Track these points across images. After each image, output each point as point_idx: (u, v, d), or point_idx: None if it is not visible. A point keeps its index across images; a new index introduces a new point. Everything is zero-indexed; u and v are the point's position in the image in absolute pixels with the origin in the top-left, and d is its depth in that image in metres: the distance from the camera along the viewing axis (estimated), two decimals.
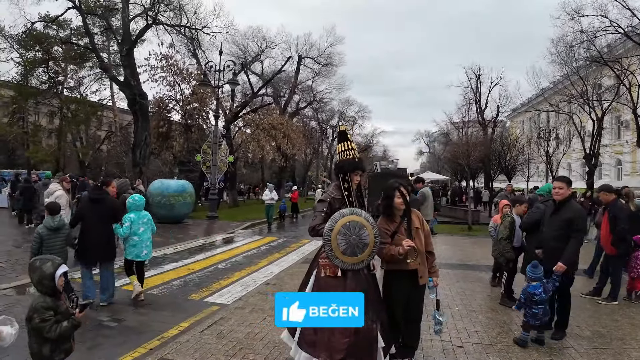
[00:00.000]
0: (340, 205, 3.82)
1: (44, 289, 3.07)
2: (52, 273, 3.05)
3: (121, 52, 20.66)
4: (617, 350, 4.70)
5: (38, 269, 3.07)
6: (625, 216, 6.68)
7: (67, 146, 33.39)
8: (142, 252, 6.43)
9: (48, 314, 2.99)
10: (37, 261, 3.13)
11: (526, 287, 4.85)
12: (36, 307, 2.98)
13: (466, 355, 4.48)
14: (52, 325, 2.97)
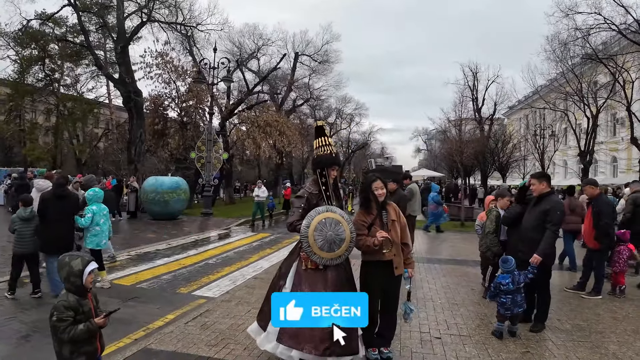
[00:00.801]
0: (317, 200, 3.92)
1: (71, 287, 2.93)
2: (81, 270, 2.91)
3: (116, 49, 20.74)
4: (595, 343, 4.77)
5: (67, 265, 2.92)
6: (609, 211, 6.74)
7: (63, 144, 33.46)
8: (101, 241, 6.89)
9: (67, 314, 2.84)
10: (66, 257, 2.98)
11: (496, 278, 5.03)
12: (57, 305, 2.86)
13: (443, 346, 4.57)
14: (67, 326, 2.83)
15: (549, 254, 4.99)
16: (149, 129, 22.19)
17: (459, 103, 32.80)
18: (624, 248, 7.08)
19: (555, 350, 4.53)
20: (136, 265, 8.50)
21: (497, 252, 6.44)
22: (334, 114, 48.40)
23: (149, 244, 11.06)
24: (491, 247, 6.48)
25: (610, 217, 6.74)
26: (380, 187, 3.93)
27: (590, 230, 6.86)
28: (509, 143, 27.86)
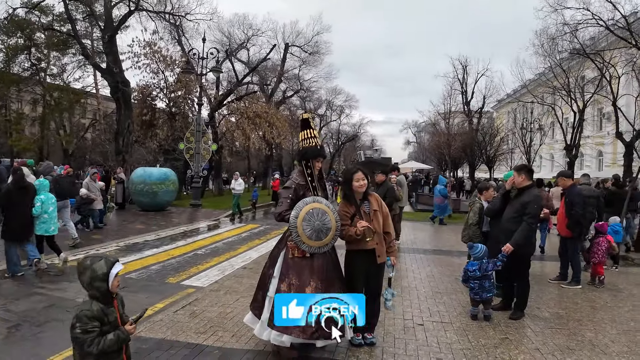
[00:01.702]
0: (304, 191, 4.04)
1: (96, 293, 2.59)
2: (106, 273, 2.58)
3: (103, 39, 20.49)
4: (573, 330, 4.94)
5: (89, 269, 2.58)
6: (580, 201, 6.95)
7: (50, 134, 33.04)
8: (50, 228, 7.31)
9: (92, 325, 2.52)
10: (87, 259, 2.63)
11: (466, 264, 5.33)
12: (79, 315, 2.51)
13: (425, 332, 4.72)
14: (94, 338, 2.51)
15: (525, 244, 5.15)
16: (137, 119, 22.03)
17: (448, 96, 33.11)
18: (602, 240, 7.30)
19: (533, 337, 4.69)
20: (125, 256, 8.52)
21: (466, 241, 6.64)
22: (324, 105, 48.41)
23: (137, 235, 11.08)
24: (473, 238, 6.62)
25: (581, 206, 6.94)
26: (361, 178, 4.05)
27: (563, 219, 7.09)
28: (496, 136, 28.14)
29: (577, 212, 6.84)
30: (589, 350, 4.38)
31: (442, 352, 4.23)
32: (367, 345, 4.22)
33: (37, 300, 5.66)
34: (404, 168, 36.67)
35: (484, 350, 4.27)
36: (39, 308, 5.37)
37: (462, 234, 7.10)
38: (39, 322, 4.90)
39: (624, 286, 7.20)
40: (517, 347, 4.39)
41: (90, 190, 11.44)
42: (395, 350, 4.23)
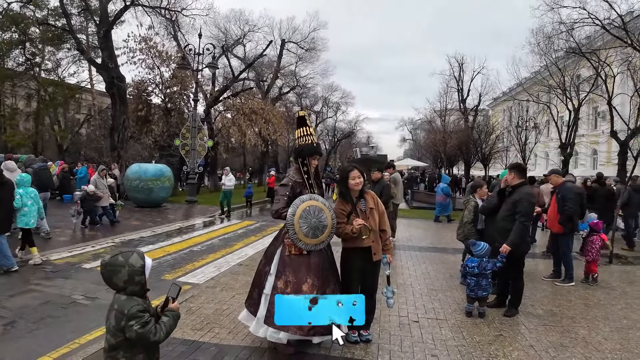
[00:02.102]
0: (301, 188, 4.06)
1: (135, 288, 2.51)
2: (143, 265, 2.53)
3: (99, 33, 20.38)
4: (566, 328, 4.99)
5: (125, 265, 2.48)
6: (573, 197, 7.05)
7: (45, 130, 32.85)
8: (30, 221, 7.46)
9: (146, 316, 2.47)
10: (118, 256, 2.52)
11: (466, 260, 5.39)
12: (132, 314, 2.43)
13: (420, 328, 4.76)
14: (153, 325, 2.47)
15: (519, 243, 5.20)
16: (133, 115, 21.93)
17: (444, 94, 33.18)
18: (596, 238, 7.36)
19: (527, 334, 4.74)
20: None
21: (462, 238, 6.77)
22: (321, 102, 48.34)
23: (133, 231, 11.07)
24: (469, 236, 6.66)
25: (574, 202, 7.04)
26: (357, 177, 4.08)
27: (555, 216, 7.19)
28: (492, 134, 28.24)
29: (570, 207, 6.93)
30: (582, 347, 4.43)
31: (437, 348, 4.26)
32: (363, 342, 4.25)
33: (33, 297, 5.66)
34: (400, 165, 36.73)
35: (479, 347, 4.31)
36: (34, 305, 5.36)
37: (457, 232, 7.14)
38: (34, 319, 4.89)
39: (617, 284, 7.28)
40: (511, 343, 4.43)
41: (98, 187, 11.39)
42: (391, 346, 4.26)
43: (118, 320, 2.44)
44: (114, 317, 2.47)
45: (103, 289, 6.11)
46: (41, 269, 7.09)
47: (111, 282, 2.52)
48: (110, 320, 2.49)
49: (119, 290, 2.52)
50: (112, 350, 2.51)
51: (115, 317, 2.45)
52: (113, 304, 2.51)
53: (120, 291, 2.52)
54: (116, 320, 2.45)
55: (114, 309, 2.48)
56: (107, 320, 2.53)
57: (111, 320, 2.48)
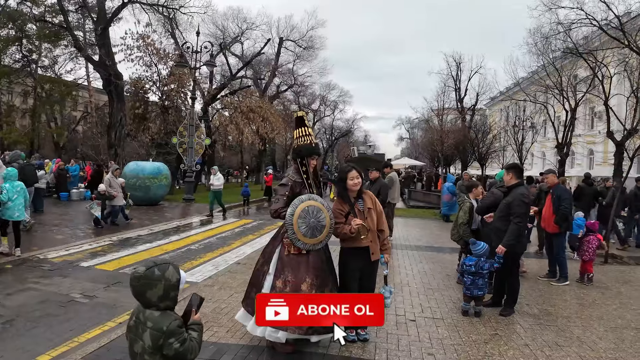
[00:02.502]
0: (300, 188, 4.09)
1: (170, 303, 2.30)
2: (178, 279, 2.32)
3: (96, 31, 20.32)
4: (561, 327, 5.03)
5: (162, 279, 2.25)
6: (568, 197, 7.15)
7: (41, 127, 32.72)
8: (14, 214, 7.64)
9: (184, 333, 2.29)
10: (154, 269, 2.26)
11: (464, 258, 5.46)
12: (171, 330, 2.22)
13: (417, 327, 4.80)
14: (189, 342, 2.29)
15: (515, 244, 5.24)
16: (130, 113, 21.91)
17: (442, 93, 33.23)
18: (593, 238, 7.38)
19: (522, 333, 4.78)
20: (118, 251, 8.54)
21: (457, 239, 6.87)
22: (318, 100, 48.40)
23: (130, 229, 11.08)
24: (464, 236, 6.72)
25: (568, 202, 7.14)
26: (356, 177, 4.11)
27: (550, 216, 7.22)
28: (488, 134, 28.32)
29: (566, 208, 7.00)
30: (577, 346, 4.47)
31: (434, 347, 4.30)
32: (360, 340, 4.29)
33: (31, 295, 5.67)
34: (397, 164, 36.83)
35: (475, 346, 4.35)
36: (32, 303, 5.37)
37: (451, 232, 7.21)
38: (33, 318, 4.91)
39: (612, 284, 7.32)
40: (506, 342, 4.47)
41: (112, 186, 11.41)
42: (388, 345, 4.30)
43: (156, 339, 2.21)
44: (149, 336, 2.23)
45: (101, 287, 6.16)
46: (39, 267, 7.09)
47: (143, 297, 2.26)
48: (144, 339, 2.24)
49: (150, 306, 2.27)
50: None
51: (152, 336, 2.22)
52: (145, 322, 2.25)
53: (151, 307, 2.27)
54: (153, 338, 2.22)
55: (147, 327, 2.23)
56: (137, 340, 2.29)
57: (145, 340, 2.23)
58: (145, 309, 2.28)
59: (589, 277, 7.25)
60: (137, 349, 2.28)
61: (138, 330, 2.28)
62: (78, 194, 17.43)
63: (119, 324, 4.81)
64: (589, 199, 11.72)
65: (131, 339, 2.33)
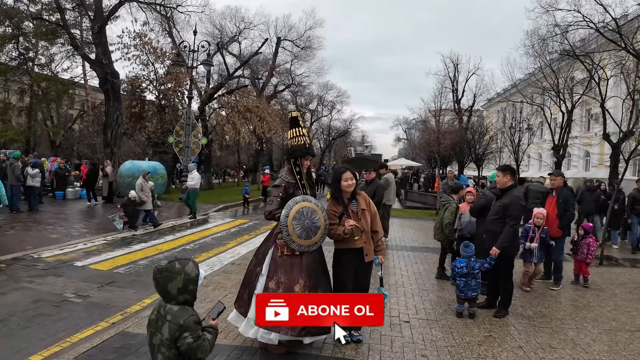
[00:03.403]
0: (294, 189, 4.07)
1: (189, 297, 2.43)
2: (198, 274, 2.46)
3: (93, 29, 20.23)
4: (555, 329, 5.03)
5: (182, 272, 2.39)
6: (574, 201, 7.14)
7: (37, 125, 32.62)
8: None
9: (200, 330, 2.39)
10: (175, 263, 2.42)
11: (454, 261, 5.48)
12: (188, 325, 2.33)
13: (411, 329, 4.80)
14: (203, 341, 2.39)
15: (509, 246, 5.24)
16: (126, 111, 21.84)
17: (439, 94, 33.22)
18: (592, 240, 7.19)
19: (516, 334, 4.78)
20: (112, 251, 8.52)
21: (453, 241, 6.89)
22: (316, 100, 48.43)
23: (125, 229, 11.02)
24: (449, 236, 6.84)
25: (573, 207, 7.16)
26: (350, 178, 4.11)
27: (553, 218, 6.96)
28: (485, 135, 28.37)
29: (572, 213, 6.98)
30: (571, 349, 4.47)
31: (427, 349, 4.30)
32: (353, 342, 4.28)
33: (24, 295, 5.64)
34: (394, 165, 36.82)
35: (468, 348, 4.35)
36: (26, 302, 5.34)
37: (435, 232, 7.29)
38: (26, 317, 4.88)
39: (606, 286, 7.32)
40: (500, 344, 4.47)
41: (144, 190, 11.18)
42: (382, 347, 4.29)
43: (173, 332, 2.32)
44: (167, 328, 2.34)
45: (94, 287, 6.13)
46: (33, 266, 7.06)
47: (165, 289, 2.39)
48: (162, 332, 2.35)
49: (170, 298, 2.40)
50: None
51: (170, 329, 2.33)
52: (165, 316, 2.37)
53: (172, 300, 2.40)
54: (170, 332, 2.33)
55: (166, 320, 2.35)
56: (156, 333, 2.40)
57: (164, 333, 2.34)
58: (166, 303, 2.41)
59: (585, 279, 7.19)
60: (155, 341, 2.40)
61: (158, 323, 2.39)
62: (74, 193, 17.37)
63: (111, 324, 4.81)
64: (592, 205, 11.67)
65: (151, 332, 2.44)
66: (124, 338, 4.29)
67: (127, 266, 7.47)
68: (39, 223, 11.14)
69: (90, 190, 16.22)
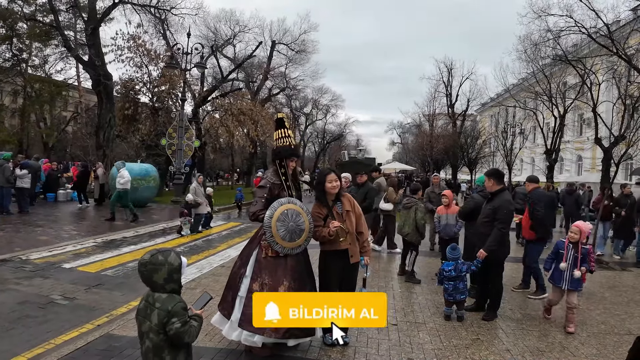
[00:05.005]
0: (279, 190, 4.05)
1: (175, 285, 2.55)
2: (180, 263, 2.57)
3: (86, 30, 20.17)
4: (543, 332, 5.03)
5: (165, 264, 2.50)
6: (543, 202, 6.76)
7: (30, 127, 32.43)
8: None
9: (187, 316, 2.51)
10: (158, 255, 2.53)
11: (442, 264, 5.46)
12: (175, 310, 2.45)
13: (398, 332, 4.77)
14: (190, 327, 2.49)
15: (496, 249, 5.22)
16: (119, 113, 21.75)
17: (433, 98, 33.41)
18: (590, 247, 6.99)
19: (504, 337, 4.78)
20: (102, 253, 8.44)
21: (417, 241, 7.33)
22: (310, 104, 48.44)
23: (115, 231, 10.95)
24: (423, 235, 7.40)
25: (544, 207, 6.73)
26: (334, 180, 4.09)
27: (526, 221, 6.83)
28: (478, 139, 28.52)
29: (539, 211, 6.56)
30: (559, 352, 4.47)
31: (414, 352, 4.28)
32: (340, 344, 4.24)
33: (10, 296, 5.58)
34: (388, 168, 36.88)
35: (455, 351, 4.33)
36: (12, 304, 5.29)
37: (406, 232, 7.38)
38: (11, 319, 4.83)
39: (596, 289, 7.32)
40: (487, 347, 4.46)
41: (197, 194, 11.40)
42: (368, 350, 4.27)
43: (161, 318, 2.45)
44: (156, 315, 2.46)
45: (81, 289, 6.07)
46: (21, 268, 6.98)
47: (151, 281, 2.52)
48: (151, 319, 2.48)
49: (158, 288, 2.52)
50: (158, 350, 2.49)
51: (158, 315, 2.45)
52: (153, 303, 2.50)
53: (159, 290, 2.52)
54: (159, 318, 2.45)
55: (155, 307, 2.47)
56: (145, 321, 2.51)
57: (153, 319, 2.47)
58: (153, 292, 2.54)
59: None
60: (144, 328, 2.52)
61: (147, 311, 2.51)
62: (65, 195, 17.26)
63: (97, 326, 4.77)
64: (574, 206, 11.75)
65: (140, 320, 2.55)
66: (109, 340, 4.25)
67: (115, 268, 7.40)
68: (28, 225, 11.05)
69: (82, 193, 16.09)
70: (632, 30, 18.58)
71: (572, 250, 5.17)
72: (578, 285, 5.20)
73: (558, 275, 5.18)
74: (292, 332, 3.65)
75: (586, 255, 5.20)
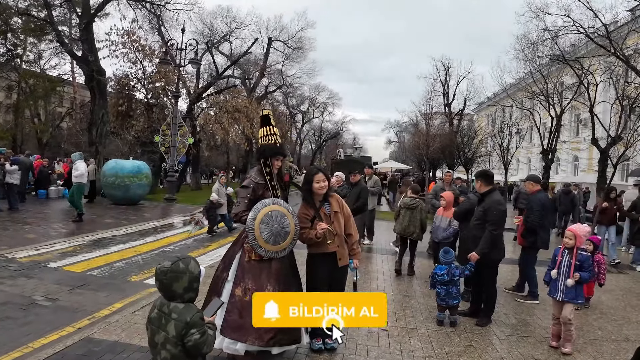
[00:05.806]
0: (263, 190, 3.88)
1: (193, 295, 2.47)
2: (199, 272, 2.50)
3: (80, 25, 19.93)
4: (539, 338, 4.90)
5: (186, 272, 2.40)
6: (539, 208, 6.32)
7: (24, 122, 32.15)
8: None
9: (205, 326, 2.44)
10: (179, 262, 2.42)
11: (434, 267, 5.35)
12: (194, 322, 2.37)
13: (389, 338, 4.62)
14: (208, 336, 2.42)
15: (489, 252, 5.08)
16: (113, 110, 21.53)
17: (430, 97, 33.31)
18: (601, 257, 6.55)
19: (498, 344, 4.63)
20: (89, 252, 8.26)
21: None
22: (307, 102, 48.31)
23: (105, 229, 10.76)
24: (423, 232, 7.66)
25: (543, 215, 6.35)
26: (322, 180, 3.92)
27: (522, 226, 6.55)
28: (474, 138, 28.46)
29: (534, 220, 6.28)
30: (555, 359, 4.33)
31: (404, 359, 4.13)
32: (327, 350, 4.09)
33: None
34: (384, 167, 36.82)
35: (447, 358, 4.19)
36: None
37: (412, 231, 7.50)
38: None
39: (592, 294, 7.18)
40: (481, 355, 4.31)
41: (220, 195, 11.35)
42: (356, 357, 4.12)
43: (179, 329, 2.35)
44: (173, 326, 2.36)
45: (65, 290, 5.91)
46: (5, 267, 6.80)
47: (170, 289, 2.40)
48: (167, 330, 2.37)
49: (175, 297, 2.41)
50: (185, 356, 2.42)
51: (176, 327, 2.35)
52: (169, 314, 2.38)
53: (177, 298, 2.41)
54: (177, 329, 2.35)
55: (172, 319, 2.36)
56: (159, 331, 2.41)
57: (170, 331, 2.36)
58: (169, 301, 2.41)
59: (587, 299, 6.18)
60: (158, 339, 2.40)
61: (161, 321, 2.40)
62: (56, 192, 17.04)
63: (77, 329, 4.60)
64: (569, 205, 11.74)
65: (152, 329, 2.45)
66: (88, 344, 4.09)
67: (101, 268, 7.23)
68: (17, 222, 10.85)
69: None
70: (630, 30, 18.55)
71: (567, 257, 4.60)
72: (575, 297, 4.54)
73: (554, 286, 4.66)
74: (277, 340, 3.49)
75: (584, 262, 4.58)
